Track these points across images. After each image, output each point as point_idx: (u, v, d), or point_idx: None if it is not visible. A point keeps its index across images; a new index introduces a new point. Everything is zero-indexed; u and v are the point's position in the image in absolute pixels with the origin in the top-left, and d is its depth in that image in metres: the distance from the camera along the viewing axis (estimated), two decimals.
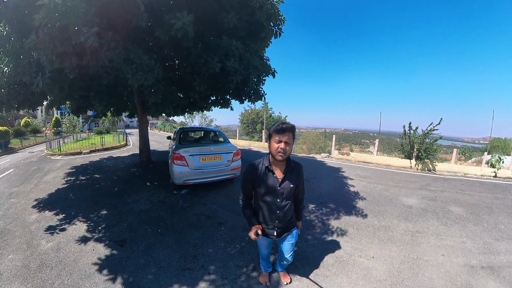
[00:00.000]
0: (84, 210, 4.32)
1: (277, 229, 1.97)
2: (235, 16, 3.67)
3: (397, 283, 2.45)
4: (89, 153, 12.11)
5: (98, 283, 2.42)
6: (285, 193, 1.89)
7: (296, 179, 1.93)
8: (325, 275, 2.52)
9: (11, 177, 7.48)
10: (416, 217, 4.21)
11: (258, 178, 1.89)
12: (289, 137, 1.74)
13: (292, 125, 1.75)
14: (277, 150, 1.74)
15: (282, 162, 1.87)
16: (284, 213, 1.93)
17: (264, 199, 1.92)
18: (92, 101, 5.52)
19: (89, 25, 2.56)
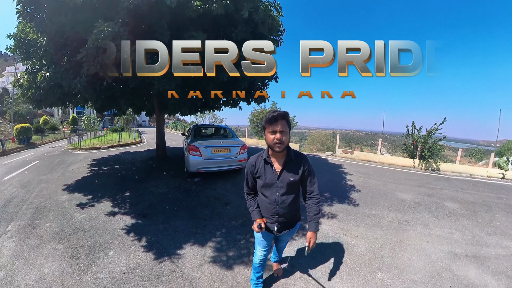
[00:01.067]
0: (110, 192, 5.08)
1: (277, 224, 1.89)
2: (242, 30, 4.34)
3: (376, 259, 2.79)
4: (107, 148, 13.17)
5: (126, 241, 3.09)
6: (284, 187, 1.79)
7: (298, 171, 1.80)
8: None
9: (38, 167, 8.48)
10: (407, 209, 4.46)
11: (257, 171, 1.84)
12: (283, 125, 1.64)
13: (284, 111, 1.68)
14: (273, 141, 1.65)
15: (281, 154, 1.77)
16: (284, 208, 1.83)
17: (263, 193, 1.87)
18: (118, 101, 6.40)
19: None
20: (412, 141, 9.07)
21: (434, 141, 8.67)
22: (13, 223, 3.73)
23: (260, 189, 1.88)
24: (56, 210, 4.24)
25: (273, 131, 1.64)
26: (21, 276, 2.47)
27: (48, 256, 2.81)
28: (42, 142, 18.80)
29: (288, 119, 1.69)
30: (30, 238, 3.24)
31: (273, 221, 1.89)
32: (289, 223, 1.94)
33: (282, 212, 1.85)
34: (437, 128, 8.70)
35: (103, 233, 3.32)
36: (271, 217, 1.89)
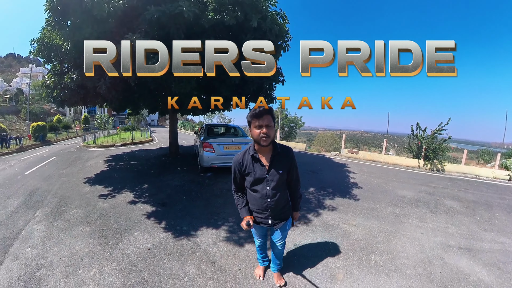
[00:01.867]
0: (129, 185, 5.60)
1: (271, 218, 1.95)
2: (251, 37, 4.72)
3: (371, 244, 3.10)
4: (120, 146, 13.89)
5: (148, 225, 3.56)
6: (274, 180, 1.85)
7: (285, 164, 1.88)
8: (313, 231, 3.39)
9: (56, 163, 9.14)
10: (405, 204, 4.71)
11: (246, 167, 1.88)
12: (269, 119, 1.72)
13: (270, 107, 1.77)
14: (259, 135, 1.71)
15: (268, 148, 1.83)
16: (276, 201, 1.90)
17: (253, 189, 1.91)
18: (135, 101, 6.98)
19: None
20: (417, 141, 9.24)
21: (438, 142, 8.82)
22: (40, 210, 4.23)
23: (249, 185, 1.91)
24: (80, 199, 4.74)
25: (259, 125, 1.70)
26: (53, 253, 2.87)
27: (77, 237, 3.25)
28: (56, 140, 19.80)
29: (273, 115, 1.78)
30: (58, 222, 3.71)
31: (265, 216, 1.94)
32: (281, 216, 2.00)
33: (273, 205, 1.90)
34: (441, 128, 8.85)
35: (127, 218, 3.80)
36: (263, 212, 1.93)
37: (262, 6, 4.52)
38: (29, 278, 2.42)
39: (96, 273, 2.47)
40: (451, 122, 8.80)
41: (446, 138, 8.86)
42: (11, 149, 13.91)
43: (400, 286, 2.40)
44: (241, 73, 3.63)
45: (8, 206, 4.46)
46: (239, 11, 4.33)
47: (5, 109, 28.65)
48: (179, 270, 2.52)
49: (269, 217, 1.94)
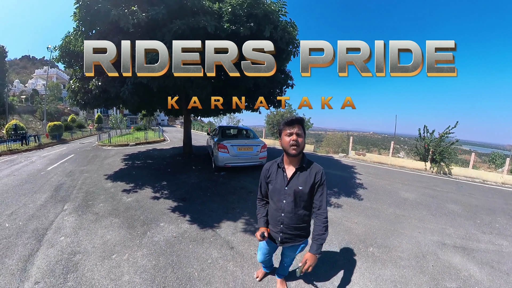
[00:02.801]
0: (148, 182, 6.14)
1: (281, 235, 1.89)
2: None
3: (370, 239, 3.48)
4: (135, 145, 14.62)
5: (172, 217, 4.06)
6: (292, 195, 1.79)
7: (309, 181, 1.78)
8: None
9: (75, 160, 9.82)
10: (407, 206, 4.99)
11: (270, 175, 1.91)
12: (299, 128, 1.73)
13: (301, 117, 1.77)
14: (289, 143, 1.71)
15: (296, 160, 1.82)
16: (289, 219, 1.83)
17: (272, 198, 1.91)
18: (153, 104, 7.73)
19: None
20: (424, 144, 9.40)
21: (446, 145, 8.94)
22: (68, 204, 4.69)
23: (270, 194, 1.93)
24: (104, 194, 5.26)
25: (290, 133, 1.72)
26: (86, 241, 3.25)
27: (107, 227, 3.69)
28: (71, 139, 20.84)
29: (304, 125, 1.80)
30: (88, 215, 4.17)
31: (277, 230, 1.90)
32: (293, 236, 1.89)
33: (286, 221, 1.84)
34: (449, 132, 8.96)
35: (151, 211, 4.31)
36: (276, 226, 1.90)
37: (274, 17, 5.01)
38: (66, 262, 2.80)
39: (129, 257, 2.91)
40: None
41: (453, 141, 8.97)
42: (30, 146, 14.84)
43: (394, 274, 2.76)
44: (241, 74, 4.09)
45: (36, 200, 4.95)
46: (253, 22, 4.83)
47: (21, 108, 30.25)
48: (203, 254, 2.99)
49: (280, 233, 1.88)
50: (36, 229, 3.70)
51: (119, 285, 2.45)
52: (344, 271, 2.76)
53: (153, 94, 6.65)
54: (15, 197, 5.18)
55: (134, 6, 4.47)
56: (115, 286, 2.44)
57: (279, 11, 5.25)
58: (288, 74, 7.95)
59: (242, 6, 4.74)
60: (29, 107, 32.96)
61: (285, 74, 7.86)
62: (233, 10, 4.77)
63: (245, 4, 4.71)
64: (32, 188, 5.80)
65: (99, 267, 2.74)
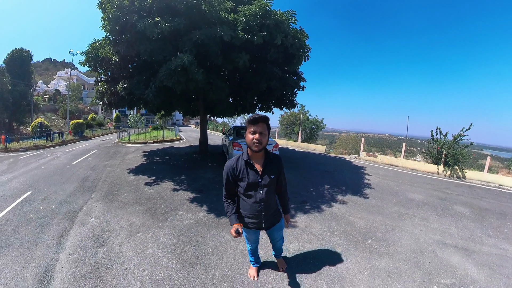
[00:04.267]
0: (168, 176, 6.81)
1: (264, 222, 2.09)
2: (275, 51, 5.82)
3: (370, 232, 3.74)
4: (153, 143, 15.67)
5: (190, 206, 4.62)
6: (266, 185, 2.00)
7: (276, 170, 2.05)
8: (322, 218, 4.21)
9: (98, 155, 10.77)
10: (412, 206, 5.07)
11: (239, 173, 1.99)
12: (263, 127, 1.86)
13: (265, 116, 1.87)
14: (252, 141, 1.85)
15: (260, 155, 1.99)
16: (268, 205, 2.06)
17: (247, 194, 2.02)
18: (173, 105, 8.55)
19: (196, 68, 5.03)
20: (436, 146, 9.33)
21: (459, 148, 8.82)
22: (95, 193, 5.40)
23: (243, 191, 2.02)
24: (128, 186, 5.94)
25: (254, 131, 1.85)
26: (114, 222, 3.88)
27: (132, 213, 4.31)
28: (92, 136, 22.43)
29: (268, 124, 1.93)
30: (114, 202, 4.82)
31: (259, 220, 2.08)
32: (273, 219, 2.18)
33: (266, 209, 2.06)
34: (462, 134, 8.81)
35: (171, 201, 4.91)
36: (257, 217, 2.07)
37: (284, 26, 5.51)
38: (97, 238, 3.39)
39: (152, 236, 3.48)
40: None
41: (468, 144, 8.83)
42: (55, 143, 16.21)
43: (388, 265, 2.93)
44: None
45: (65, 189, 5.73)
46: (265, 31, 5.36)
47: (45, 107, 32.65)
48: (217, 236, 3.51)
49: (263, 221, 2.08)
50: (68, 211, 4.40)
51: (144, 257, 2.98)
52: (341, 258, 3.07)
53: (173, 96, 7.38)
54: (46, 186, 6.01)
55: (157, 17, 5.12)
56: (140, 258, 2.97)
57: (289, 20, 5.75)
58: (300, 75, 8.47)
59: (255, 16, 5.29)
60: (52, 106, 35.50)
61: (298, 76, 8.38)
62: (247, 21, 5.33)
63: (258, 15, 5.27)
64: (60, 179, 6.62)
65: (126, 243, 3.31)
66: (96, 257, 2.99)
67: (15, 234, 3.56)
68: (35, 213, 4.38)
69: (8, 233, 3.60)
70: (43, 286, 2.48)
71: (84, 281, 2.54)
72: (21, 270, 2.72)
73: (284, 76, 6.93)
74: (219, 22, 5.28)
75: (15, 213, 4.35)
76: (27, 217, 4.18)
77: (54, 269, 2.75)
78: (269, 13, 5.36)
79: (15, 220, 4.06)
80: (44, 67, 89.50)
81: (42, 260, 2.92)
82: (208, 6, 5.12)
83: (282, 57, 6.32)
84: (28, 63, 22.75)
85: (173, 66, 4.72)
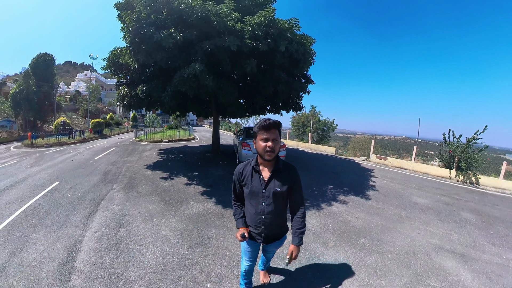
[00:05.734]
0: (182, 172, 7.53)
1: (264, 236, 1.95)
2: (281, 57, 6.38)
3: (365, 232, 3.92)
4: (168, 142, 16.71)
5: (200, 198, 5.23)
6: (270, 197, 1.84)
7: (286, 182, 1.87)
8: (319, 215, 4.59)
9: (117, 152, 11.77)
10: (414, 209, 5.09)
11: (244, 178, 1.91)
12: (276, 134, 1.73)
13: (278, 121, 1.75)
14: (265, 149, 1.72)
15: (270, 163, 1.86)
16: (270, 219, 1.89)
17: (250, 201, 1.93)
18: (187, 107, 9.36)
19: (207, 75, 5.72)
20: (448, 150, 9.12)
21: (474, 152, 8.56)
22: (116, 184, 6.19)
23: (247, 198, 1.95)
24: (145, 179, 6.69)
25: (266, 138, 1.72)
26: (133, 209, 4.65)
27: (149, 202, 5.02)
28: (111, 134, 24.20)
29: (280, 129, 1.81)
30: (133, 193, 5.57)
31: (259, 232, 1.95)
32: (275, 235, 2.00)
33: (267, 222, 1.90)
34: (475, 137, 8.53)
35: (184, 193, 5.58)
36: (257, 228, 1.94)
37: (287, 34, 6.06)
38: (118, 221, 4.11)
39: (166, 221, 4.13)
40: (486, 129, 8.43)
41: (482, 148, 8.56)
42: (76, 140, 17.64)
43: (377, 262, 3.06)
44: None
45: (89, 180, 6.59)
46: (270, 39, 5.94)
47: (66, 107, 35.33)
48: (221, 224, 4.07)
49: (262, 234, 1.94)
50: (93, 199, 5.19)
51: (157, 236, 3.63)
52: (331, 251, 3.33)
53: (187, 99, 8.14)
54: (72, 177, 6.90)
55: (171, 28, 5.83)
56: (154, 237, 3.62)
57: (292, 27, 6.29)
58: (309, 78, 9.05)
59: (260, 26, 5.92)
60: (73, 106, 38.27)
61: (306, 79, 8.96)
62: (252, 30, 5.96)
63: (263, 25, 5.91)
64: (84, 172, 7.54)
65: (143, 225, 3.99)
66: (118, 235, 3.66)
67: (47, 215, 4.34)
68: (63, 199, 5.18)
69: (41, 214, 4.39)
70: (72, 256, 3.12)
71: (106, 253, 3.17)
72: (53, 243, 3.41)
73: (290, 80, 7.45)
74: (227, 32, 5.92)
75: (46, 199, 5.18)
76: (57, 202, 4.98)
77: (81, 243, 3.41)
78: (273, 22, 5.96)
79: (46, 205, 4.86)
80: (64, 69, 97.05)
81: (71, 236, 3.61)
82: (216, 17, 5.77)
83: (288, 62, 6.85)
84: (52, 66, 24.78)
85: (186, 74, 5.43)
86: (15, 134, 19.53)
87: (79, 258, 3.08)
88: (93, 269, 2.88)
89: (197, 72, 5.39)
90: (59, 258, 3.09)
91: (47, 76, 23.80)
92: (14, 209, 4.63)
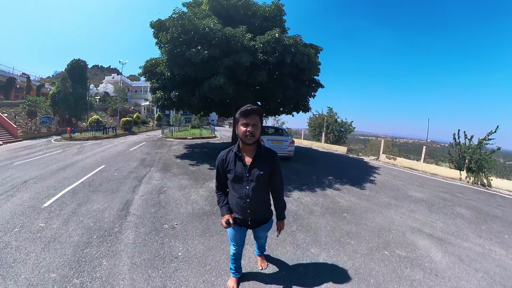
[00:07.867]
0: (206, 161, 9.41)
1: (250, 220, 2.10)
2: (288, 68, 8.21)
3: (349, 210, 4.77)
4: (192, 139, 19.19)
5: None
6: (254, 181, 1.99)
7: (268, 166, 2.03)
8: (313, 195, 5.90)
9: (148, 145, 14.15)
10: (406, 201, 5.56)
11: (228, 164, 2.05)
12: (256, 119, 1.89)
13: (258, 108, 1.90)
14: (245, 133, 1.88)
15: (252, 148, 2.02)
16: (255, 203, 2.05)
17: (233, 187, 2.07)
18: (211, 108, 12.31)
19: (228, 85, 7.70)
20: (458, 150, 9.37)
21: (485, 153, 8.74)
22: (153, 168, 8.12)
23: (231, 184, 2.08)
24: (176, 165, 8.64)
25: (246, 123, 1.88)
26: (169, 183, 6.44)
27: (181, 179, 6.82)
28: (138, 131, 27.92)
29: (261, 116, 1.96)
30: (168, 173, 7.42)
31: (244, 217, 2.09)
32: (260, 218, 2.17)
33: (252, 207, 2.05)
34: (487, 138, 8.73)
35: (207, 174, 7.41)
36: (242, 213, 2.08)
37: (291, 48, 7.84)
38: (159, 190, 5.84)
39: (194, 191, 5.82)
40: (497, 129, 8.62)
41: (494, 149, 8.71)
42: (109, 135, 20.53)
43: (351, 228, 3.81)
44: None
45: (130, 165, 8.57)
46: (277, 53, 7.76)
47: (97, 107, 40.34)
48: None
49: (248, 219, 2.09)
50: (136, 177, 7.05)
51: (188, 199, 5.30)
52: (315, 218, 4.38)
53: (212, 102, 10.48)
54: (114, 162, 8.99)
55: (198, 46, 7.74)
56: (185, 199, 5.30)
57: (296, 42, 8.06)
58: (318, 82, 10.82)
59: (269, 43, 7.87)
60: (102, 106, 43.66)
61: (316, 83, 10.71)
62: (263, 46, 7.83)
63: (271, 42, 7.82)
64: (124, 159, 9.70)
65: (177, 192, 5.73)
66: (159, 198, 5.43)
67: (101, 186, 6.14)
68: (112, 177, 7.11)
69: (96, 185, 6.20)
70: (126, 207, 4.77)
71: (151, 208, 4.82)
72: (110, 201, 5.10)
73: (298, 86, 9.29)
74: (242, 49, 7.80)
75: (98, 176, 7.10)
76: (107, 178, 6.89)
77: (131, 202, 5.11)
78: (278, 40, 7.87)
79: (99, 179, 6.73)
80: (93, 73, 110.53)
81: (123, 197, 5.35)
82: (234, 38, 7.73)
83: (295, 70, 8.61)
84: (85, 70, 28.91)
85: (213, 84, 7.47)
86: (53, 129, 23.50)
87: (132, 208, 4.66)
88: (143, 213, 4.41)
89: (221, 84, 7.36)
90: (116, 207, 4.64)
91: (80, 79, 27.92)
92: (72, 182, 6.27)
